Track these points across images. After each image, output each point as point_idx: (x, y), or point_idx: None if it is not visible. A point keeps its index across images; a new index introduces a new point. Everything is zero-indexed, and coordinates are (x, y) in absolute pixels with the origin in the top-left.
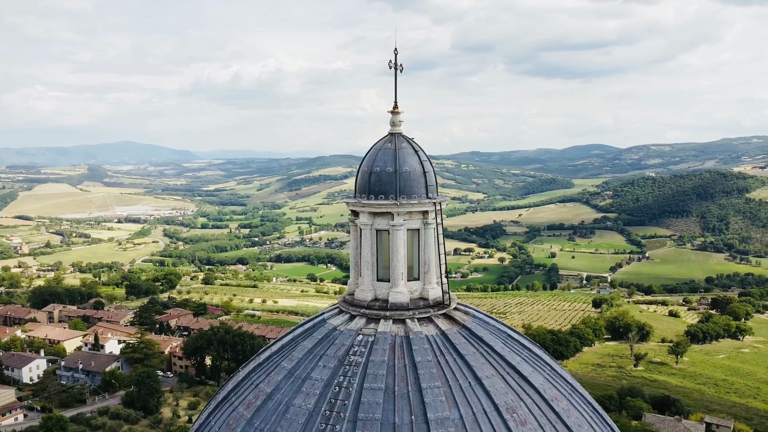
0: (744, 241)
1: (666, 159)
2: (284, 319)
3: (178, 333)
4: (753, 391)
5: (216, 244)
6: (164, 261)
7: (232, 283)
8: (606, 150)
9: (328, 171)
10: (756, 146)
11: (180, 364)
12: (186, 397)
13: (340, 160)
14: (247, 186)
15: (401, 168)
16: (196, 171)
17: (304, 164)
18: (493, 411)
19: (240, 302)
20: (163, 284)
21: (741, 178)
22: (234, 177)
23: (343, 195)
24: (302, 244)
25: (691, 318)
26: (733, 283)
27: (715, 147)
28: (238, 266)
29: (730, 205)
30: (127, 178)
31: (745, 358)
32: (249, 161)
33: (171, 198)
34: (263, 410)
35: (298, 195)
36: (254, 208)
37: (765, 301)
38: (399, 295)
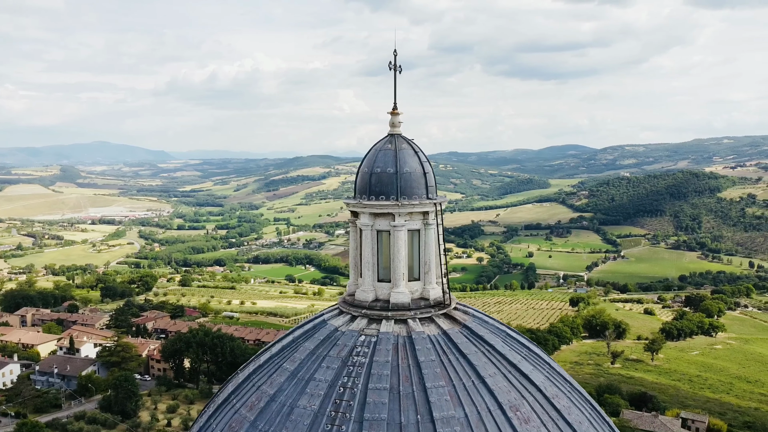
0: (716, 239)
1: (640, 159)
2: (263, 321)
3: (156, 336)
4: (726, 386)
5: (193, 246)
6: (140, 263)
7: (210, 285)
8: (582, 150)
9: (305, 171)
10: (727, 147)
11: (158, 367)
12: (165, 400)
13: (318, 161)
14: (224, 186)
15: (402, 169)
16: (171, 171)
17: (282, 164)
18: (497, 409)
19: (218, 304)
20: (139, 286)
21: (713, 178)
22: (210, 177)
23: (321, 195)
24: (280, 245)
25: (665, 316)
26: (705, 281)
27: (688, 147)
28: (216, 268)
29: (703, 204)
30: (101, 178)
31: (718, 354)
32: (226, 162)
33: (146, 199)
34: (267, 412)
35: (276, 195)
36: (231, 208)
37: (736, 298)
38: (400, 295)
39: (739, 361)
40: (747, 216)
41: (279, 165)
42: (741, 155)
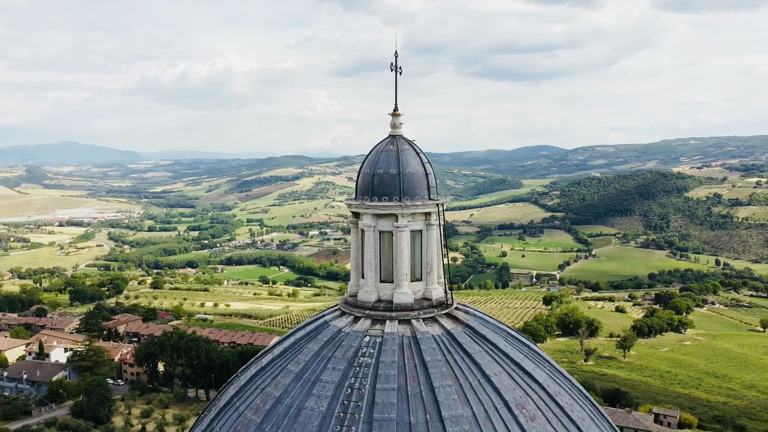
0: (683, 238)
1: (610, 159)
2: (237, 323)
3: (128, 339)
4: (695, 381)
5: (164, 247)
6: (110, 265)
7: (182, 287)
8: (553, 151)
9: (279, 172)
10: (693, 147)
11: (131, 371)
12: (138, 404)
13: (292, 161)
14: (196, 187)
15: (404, 170)
16: (141, 172)
17: (255, 165)
18: (503, 407)
19: (191, 306)
20: (109, 289)
21: (680, 177)
22: (182, 178)
23: (295, 196)
24: (254, 246)
25: (636, 313)
26: (674, 278)
27: (656, 148)
28: (188, 269)
29: (671, 204)
30: (69, 179)
31: (687, 350)
32: (197, 162)
33: (116, 200)
34: (273, 414)
35: (249, 196)
36: (203, 209)
37: (704, 295)
38: (403, 295)
39: (707, 356)
40: (713, 215)
41: (252, 165)
42: (707, 156)
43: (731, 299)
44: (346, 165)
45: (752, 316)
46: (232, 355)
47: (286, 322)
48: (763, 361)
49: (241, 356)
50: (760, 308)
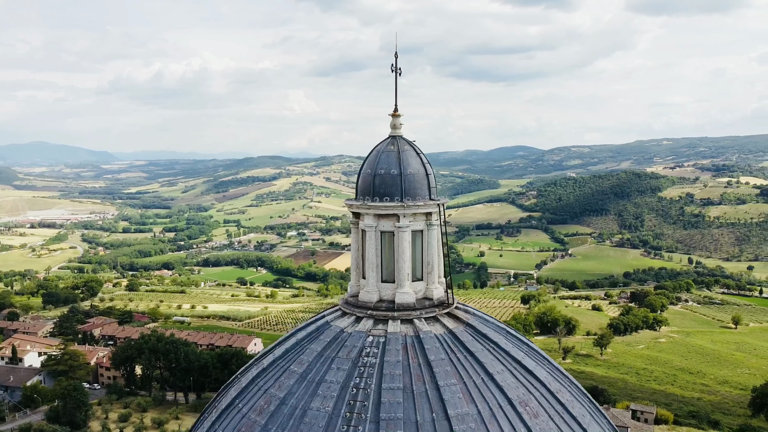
0: (657, 237)
1: (585, 160)
2: (215, 325)
3: (103, 342)
4: (670, 378)
5: (139, 249)
6: (83, 267)
7: (158, 289)
8: (530, 151)
9: (256, 172)
10: (666, 148)
11: (108, 375)
12: (116, 409)
13: (269, 161)
14: (172, 188)
15: (405, 170)
16: (116, 173)
17: (231, 165)
18: (507, 405)
19: (168, 308)
20: (83, 292)
21: (654, 177)
22: (157, 179)
23: (272, 197)
24: (231, 248)
25: (612, 311)
26: (648, 277)
27: (630, 148)
28: (164, 271)
29: (645, 203)
30: (41, 180)
31: (662, 347)
32: (173, 162)
33: (89, 201)
34: (278, 415)
35: (226, 197)
36: (179, 210)
37: (677, 293)
38: (405, 295)
39: (681, 353)
40: (686, 214)
41: (228, 166)
42: (679, 156)
43: (704, 297)
44: (323, 165)
45: (724, 313)
46: (212, 357)
47: (265, 323)
48: (735, 357)
49: (220, 358)
50: (732, 305)
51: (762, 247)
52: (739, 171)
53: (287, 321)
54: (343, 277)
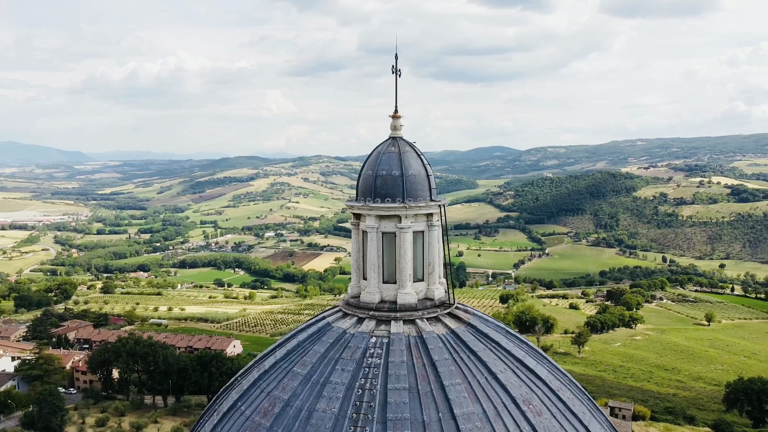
0: (632, 236)
1: (561, 160)
2: (193, 327)
3: (78, 346)
4: (647, 375)
5: (114, 251)
6: (56, 270)
7: (134, 291)
8: (507, 152)
9: (233, 173)
10: (640, 148)
11: (84, 379)
12: (93, 413)
13: (246, 162)
14: (147, 189)
15: (407, 171)
16: (89, 173)
17: (208, 166)
18: (511, 404)
19: (144, 311)
20: (57, 295)
21: (628, 178)
22: (132, 179)
23: (250, 197)
24: (208, 249)
25: (589, 310)
26: (623, 275)
27: (605, 149)
28: (140, 273)
29: (620, 203)
30: (11, 181)
31: (638, 344)
32: (148, 163)
33: (62, 202)
34: (283, 417)
35: (202, 198)
36: (155, 211)
37: (652, 291)
38: (407, 296)
39: (657, 350)
40: (660, 214)
41: (205, 166)
42: (653, 156)
43: (678, 295)
44: (301, 166)
45: (698, 310)
46: (191, 360)
47: (244, 325)
48: (708, 354)
49: (200, 361)
50: (705, 303)
51: (733, 245)
52: (711, 171)
53: (266, 322)
54: (321, 277)
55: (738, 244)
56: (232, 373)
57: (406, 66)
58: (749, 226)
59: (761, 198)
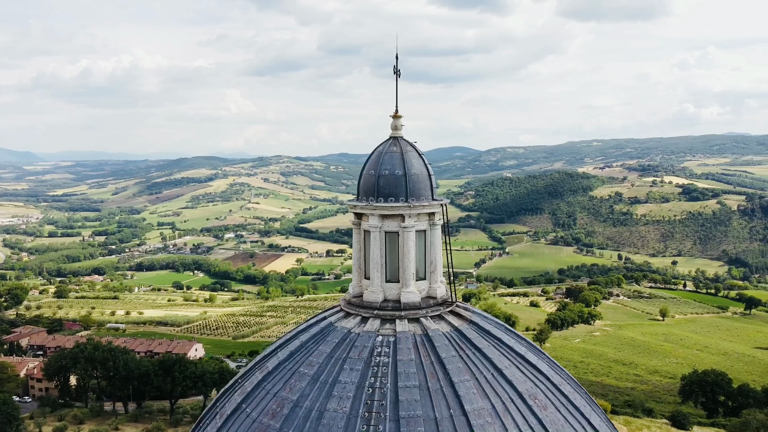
0: (589, 235)
1: (520, 160)
2: (153, 331)
3: (32, 353)
4: (606, 370)
5: (67, 254)
6: (6, 275)
7: (89, 296)
8: (467, 152)
9: (191, 173)
10: (596, 149)
11: (40, 387)
12: (50, 422)
13: (204, 162)
14: (101, 190)
15: (410, 171)
16: (39, 174)
17: (165, 166)
18: (518, 399)
19: (100, 315)
20: (7, 300)
21: (585, 177)
22: (85, 180)
23: (209, 198)
24: (166, 251)
25: (549, 307)
26: (581, 273)
27: (562, 149)
28: (95, 277)
29: (577, 202)
30: None
31: (597, 340)
32: (102, 163)
33: (10, 204)
34: (292, 418)
35: (159, 199)
36: (110, 213)
37: (609, 288)
38: (411, 294)
39: (615, 346)
40: (615, 213)
41: (162, 167)
42: (608, 157)
43: (633, 291)
44: (261, 166)
45: (652, 306)
46: (153, 364)
47: (205, 328)
48: (663, 348)
49: (162, 365)
50: (659, 298)
51: (684, 243)
52: (663, 171)
53: (228, 325)
54: (283, 279)
55: (689, 241)
56: (196, 377)
57: (366, 66)
58: (699, 224)
59: (710, 197)
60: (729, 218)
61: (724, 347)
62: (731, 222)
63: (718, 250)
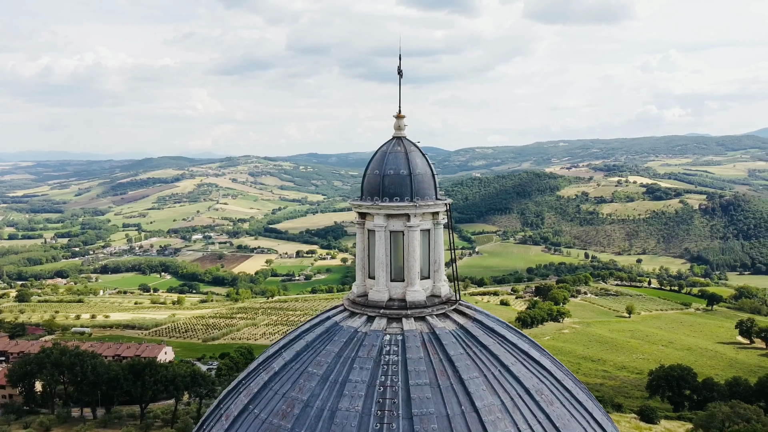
0: (557, 234)
1: (489, 161)
2: (120, 335)
3: None
4: (575, 366)
5: (28, 257)
6: None
7: (53, 299)
8: (437, 152)
9: (157, 174)
10: (562, 149)
11: (3, 394)
12: (15, 429)
13: (171, 162)
14: (64, 191)
15: (414, 170)
16: None
17: (130, 166)
18: (525, 395)
19: (65, 319)
20: None
21: (552, 177)
22: (46, 181)
23: (175, 199)
24: (131, 253)
25: (519, 305)
26: (549, 271)
27: (530, 150)
28: (58, 280)
29: (545, 202)
30: None
31: (566, 338)
32: (64, 163)
33: None
34: (304, 418)
35: (124, 200)
36: (73, 215)
37: (577, 286)
38: (416, 293)
39: (583, 342)
40: (581, 212)
41: (127, 167)
42: (574, 157)
43: (600, 289)
44: (229, 166)
45: (619, 303)
46: (123, 369)
47: (174, 331)
48: (630, 344)
49: (132, 369)
50: (625, 296)
51: (648, 241)
52: (628, 171)
53: (198, 327)
54: (253, 280)
55: (653, 239)
56: (167, 380)
57: (335, 66)
58: (663, 223)
59: (673, 196)
60: (691, 217)
61: (688, 343)
62: (693, 221)
63: (681, 248)
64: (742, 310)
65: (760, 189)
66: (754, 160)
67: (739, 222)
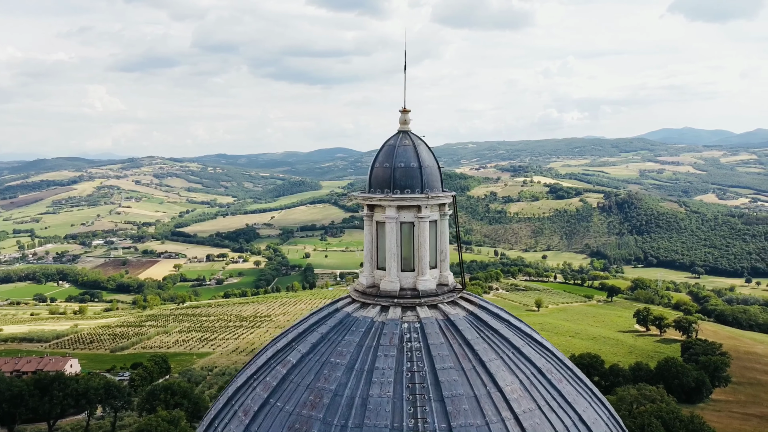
0: (468, 232)
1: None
2: (17, 349)
3: None
4: None
5: None
6: None
7: None
8: (349, 153)
9: (51, 176)
10: (471, 151)
11: None
12: None
13: (67, 164)
14: None
15: (423, 163)
16: None
17: (20, 168)
18: (538, 374)
19: None
20: None
21: (462, 178)
22: None
23: (73, 202)
24: (24, 261)
25: None
26: None
27: (441, 151)
28: None
29: (456, 201)
30: None
31: None
32: None
33: None
34: (335, 407)
35: (14, 204)
36: None
37: (489, 283)
38: (427, 282)
39: None
40: (491, 211)
41: (16, 169)
42: (483, 158)
43: (511, 284)
44: (132, 167)
45: (528, 297)
46: (27, 384)
47: (78, 342)
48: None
49: (38, 384)
50: (534, 290)
51: (552, 238)
52: (532, 171)
53: (104, 337)
54: (160, 286)
55: (557, 236)
56: (78, 394)
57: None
58: (565, 221)
59: (574, 195)
60: (590, 215)
61: (592, 332)
62: (592, 218)
63: (582, 244)
64: (638, 300)
65: (650, 188)
66: (644, 161)
67: (633, 219)
